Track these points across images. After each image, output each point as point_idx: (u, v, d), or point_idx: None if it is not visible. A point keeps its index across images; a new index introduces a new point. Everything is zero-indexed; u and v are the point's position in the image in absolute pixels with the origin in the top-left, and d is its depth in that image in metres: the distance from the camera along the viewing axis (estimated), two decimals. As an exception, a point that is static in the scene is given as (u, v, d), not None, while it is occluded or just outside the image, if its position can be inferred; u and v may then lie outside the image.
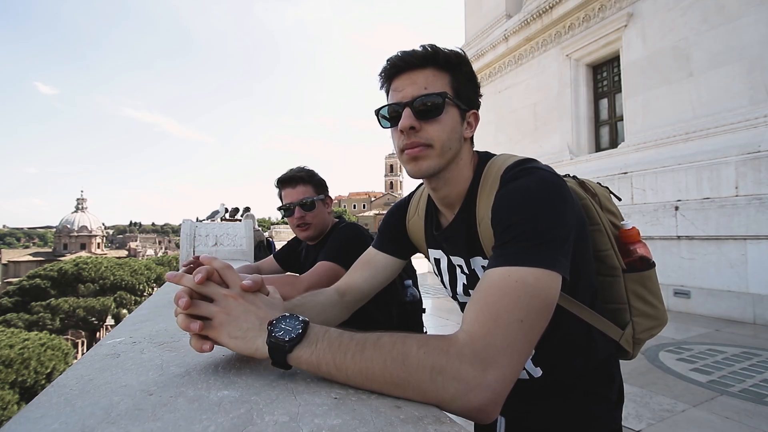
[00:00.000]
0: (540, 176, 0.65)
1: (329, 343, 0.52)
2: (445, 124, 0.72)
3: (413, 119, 0.71)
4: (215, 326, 0.56)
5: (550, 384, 0.81)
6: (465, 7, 11.20)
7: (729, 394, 2.76)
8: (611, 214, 0.87)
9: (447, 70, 0.74)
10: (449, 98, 0.72)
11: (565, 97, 7.85)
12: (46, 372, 14.00)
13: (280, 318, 0.56)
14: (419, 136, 0.72)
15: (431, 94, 0.71)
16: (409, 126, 0.71)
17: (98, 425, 0.41)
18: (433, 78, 0.72)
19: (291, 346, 0.52)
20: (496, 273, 0.57)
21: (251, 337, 0.55)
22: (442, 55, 0.73)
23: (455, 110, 0.74)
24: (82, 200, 61.34)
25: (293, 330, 0.54)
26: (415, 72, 0.73)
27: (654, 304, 0.85)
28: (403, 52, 0.74)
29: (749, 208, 4.70)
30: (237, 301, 0.58)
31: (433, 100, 0.71)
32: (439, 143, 0.72)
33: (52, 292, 24.80)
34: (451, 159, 0.75)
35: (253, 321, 0.56)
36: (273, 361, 0.54)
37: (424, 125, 0.72)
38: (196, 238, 3.61)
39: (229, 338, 0.55)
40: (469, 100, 0.76)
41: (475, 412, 0.49)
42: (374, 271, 0.92)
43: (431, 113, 0.71)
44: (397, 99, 0.73)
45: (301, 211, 1.55)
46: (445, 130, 0.72)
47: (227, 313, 0.56)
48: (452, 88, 0.73)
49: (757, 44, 5.04)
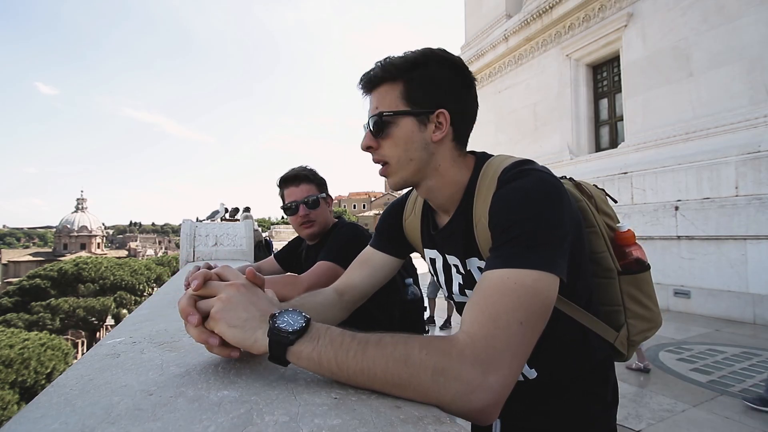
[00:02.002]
0: (537, 178, 0.65)
1: (331, 340, 0.52)
2: (397, 139, 0.72)
3: (371, 139, 0.75)
4: (214, 315, 0.54)
5: (545, 385, 0.81)
6: (465, 7, 11.21)
7: (729, 394, 2.76)
8: (607, 216, 0.87)
9: (399, 79, 0.72)
10: (388, 114, 0.72)
11: (565, 97, 7.86)
12: (46, 372, 13.99)
13: (283, 311, 0.55)
14: (377, 153, 0.75)
15: (375, 115, 0.73)
16: (366, 146, 0.76)
17: (98, 425, 0.41)
18: (384, 94, 0.73)
19: (294, 339, 0.51)
20: (495, 275, 0.57)
21: (250, 327, 0.53)
22: (389, 67, 0.72)
23: (408, 120, 0.72)
24: (82, 200, 61.30)
25: (296, 323, 0.53)
26: (373, 92, 0.75)
27: (649, 307, 0.86)
28: (365, 74, 0.75)
29: (749, 208, 4.70)
30: (239, 290, 0.57)
31: (376, 120, 0.73)
32: (393, 159, 0.74)
33: (52, 292, 24.79)
34: (419, 169, 0.74)
35: (254, 312, 0.55)
36: (271, 354, 0.52)
37: (381, 143, 0.74)
38: (196, 238, 3.60)
39: (228, 327, 0.53)
40: (432, 102, 0.72)
41: (476, 413, 0.49)
42: (372, 270, 0.92)
43: (380, 132, 0.73)
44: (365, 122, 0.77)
45: (305, 209, 1.56)
46: (398, 145, 0.73)
47: (227, 302, 0.55)
48: (404, 97, 0.71)
49: (757, 44, 5.04)
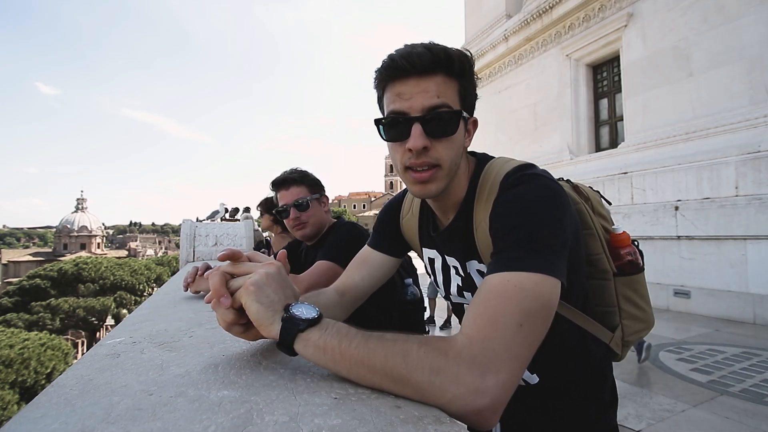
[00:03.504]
0: (539, 183, 0.65)
1: (338, 331, 0.54)
2: (457, 143, 0.67)
3: (425, 138, 0.64)
4: (248, 287, 0.56)
5: (545, 389, 0.82)
6: (465, 7, 11.20)
7: (729, 394, 2.76)
8: (602, 218, 0.87)
9: (457, 77, 0.66)
10: (466, 116, 0.66)
11: (565, 97, 7.85)
12: (46, 372, 13.99)
13: (298, 303, 0.58)
14: (430, 156, 0.65)
15: (447, 111, 0.64)
16: (421, 146, 0.63)
17: (98, 425, 0.41)
18: (445, 87, 0.64)
19: (305, 326, 0.54)
20: (496, 278, 0.57)
21: (273, 309, 0.56)
22: (452, 58, 0.64)
23: (461, 122, 0.68)
24: (82, 200, 61.31)
25: (309, 313, 0.56)
26: (424, 78, 0.64)
27: (642, 307, 0.86)
28: (407, 52, 0.64)
29: (749, 208, 4.70)
30: (279, 271, 0.60)
31: (448, 116, 0.64)
32: (448, 163, 0.67)
33: (52, 292, 24.80)
34: (455, 175, 0.72)
35: (281, 295, 0.58)
36: (280, 339, 0.54)
37: (434, 143, 0.65)
38: (196, 238, 3.61)
39: (255, 302, 0.55)
40: (473, 107, 0.71)
41: (474, 416, 0.49)
42: (371, 269, 0.92)
43: (445, 131, 0.65)
44: (402, 107, 0.65)
45: (296, 212, 1.57)
46: (455, 149, 0.67)
47: (265, 278, 0.57)
48: (461, 97, 0.67)
49: (757, 44, 5.04)
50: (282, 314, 0.55)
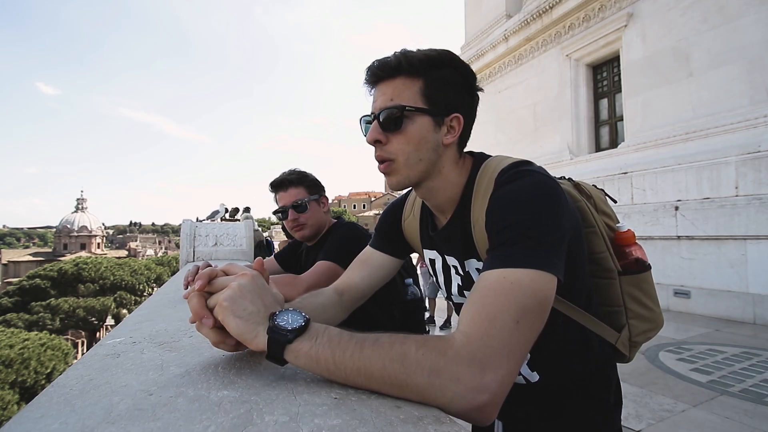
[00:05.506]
0: (534, 179, 0.65)
1: (329, 339, 0.52)
2: (411, 136, 0.70)
3: (379, 132, 0.71)
4: (221, 303, 0.55)
5: (548, 388, 0.81)
6: (465, 8, 11.20)
7: (729, 394, 2.76)
8: (606, 216, 0.86)
9: (419, 76, 0.70)
10: (410, 109, 0.69)
11: (565, 97, 7.85)
12: (46, 372, 13.98)
13: (282, 311, 0.56)
14: (384, 150, 0.72)
15: (391, 107, 0.69)
16: (373, 140, 0.72)
17: (98, 425, 0.41)
18: (402, 87, 0.70)
19: (293, 337, 0.52)
20: (492, 275, 0.57)
21: (254, 321, 0.54)
22: (411, 60, 0.70)
23: (425, 119, 0.71)
24: (82, 200, 61.28)
25: (295, 322, 0.54)
26: (386, 82, 0.71)
27: (650, 307, 0.85)
28: (378, 61, 0.72)
29: (749, 208, 4.70)
30: (252, 281, 0.58)
31: (392, 113, 0.69)
32: (402, 157, 0.71)
33: (52, 292, 24.78)
34: (425, 170, 0.73)
35: (260, 306, 0.56)
36: (269, 352, 0.53)
37: (390, 138, 0.71)
38: (196, 238, 3.60)
39: (233, 317, 0.54)
40: (448, 105, 0.72)
41: (474, 413, 0.49)
42: (372, 270, 0.92)
43: (393, 126, 0.70)
44: (371, 110, 0.73)
45: (294, 214, 1.57)
46: (410, 143, 0.70)
47: (237, 290, 0.55)
48: (424, 94, 0.70)
49: (757, 44, 5.04)
50: (266, 325, 0.54)
